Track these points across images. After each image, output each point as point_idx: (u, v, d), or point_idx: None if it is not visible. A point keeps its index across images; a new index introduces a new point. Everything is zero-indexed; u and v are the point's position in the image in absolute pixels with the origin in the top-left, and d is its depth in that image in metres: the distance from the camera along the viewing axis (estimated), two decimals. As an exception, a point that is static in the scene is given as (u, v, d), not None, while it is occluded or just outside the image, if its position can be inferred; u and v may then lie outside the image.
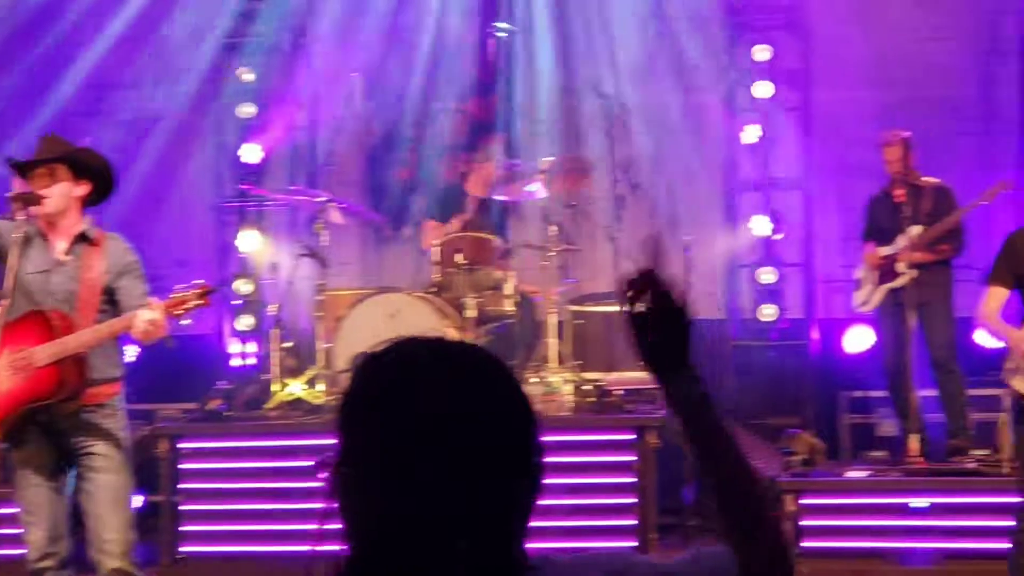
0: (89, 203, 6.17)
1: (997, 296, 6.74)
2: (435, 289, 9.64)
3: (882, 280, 9.37)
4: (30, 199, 5.94)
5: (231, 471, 8.92)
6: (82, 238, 6.07)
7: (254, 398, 9.88)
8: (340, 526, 2.09)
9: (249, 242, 11.21)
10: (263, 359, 10.62)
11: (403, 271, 11.11)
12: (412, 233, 11.29)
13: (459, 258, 9.51)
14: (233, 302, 11.28)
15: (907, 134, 9.28)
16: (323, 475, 2.08)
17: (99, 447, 5.99)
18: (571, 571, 2.16)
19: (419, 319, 9.12)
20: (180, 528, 8.77)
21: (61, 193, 6.00)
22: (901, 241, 9.14)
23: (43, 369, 5.85)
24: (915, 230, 9.12)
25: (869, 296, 9.49)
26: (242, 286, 11.23)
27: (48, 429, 6.00)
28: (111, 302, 6.04)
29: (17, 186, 6.03)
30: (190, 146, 11.77)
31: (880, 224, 9.44)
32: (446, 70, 11.44)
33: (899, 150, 9.20)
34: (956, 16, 11.24)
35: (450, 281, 9.60)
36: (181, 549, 8.75)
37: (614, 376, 9.51)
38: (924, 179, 9.29)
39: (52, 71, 11.70)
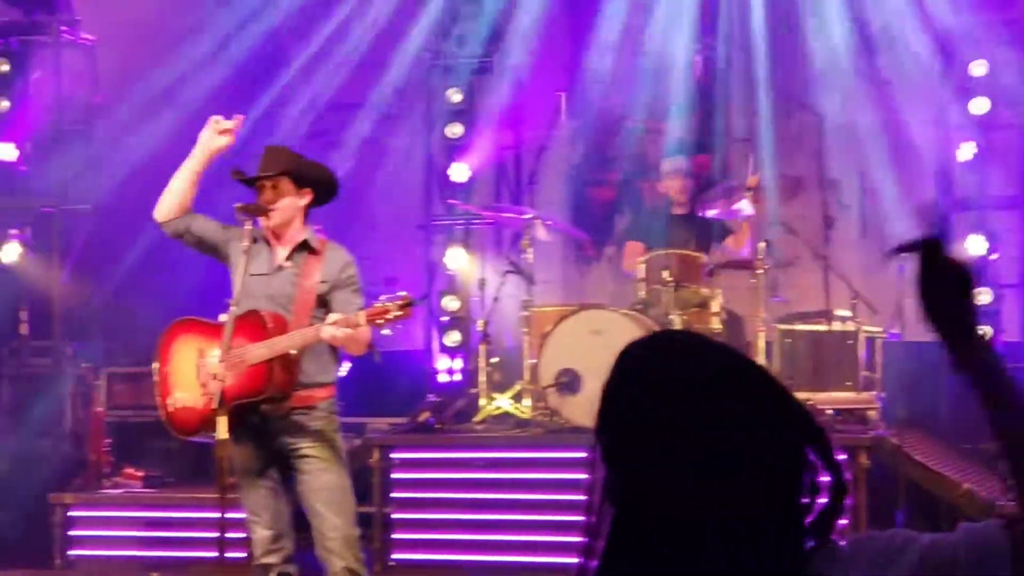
0: (310, 207, 6.38)
1: None
2: (641, 306, 9.61)
3: None
4: (256, 210, 6.14)
5: (440, 481, 9.12)
6: (304, 246, 6.28)
7: (462, 411, 10.04)
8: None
9: (456, 259, 11.30)
10: (469, 374, 10.73)
11: (604, 289, 11.12)
12: (613, 252, 11.32)
13: (665, 275, 9.46)
14: (441, 318, 11.39)
15: None
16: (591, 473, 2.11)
17: (311, 448, 6.17)
18: (854, 548, 2.13)
19: (624, 336, 8.98)
20: (391, 536, 8.98)
21: (285, 206, 6.23)
22: None
23: (253, 367, 6.04)
24: None
25: None
26: (449, 303, 11.30)
27: (261, 430, 6.18)
28: (326, 310, 6.20)
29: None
30: (400, 166, 11.97)
31: None
32: (651, 88, 11.43)
33: None
34: None
35: (656, 298, 9.55)
36: (393, 557, 8.95)
37: (823, 396, 9.31)
38: None
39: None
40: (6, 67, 11.32)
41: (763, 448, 2.03)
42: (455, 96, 11.48)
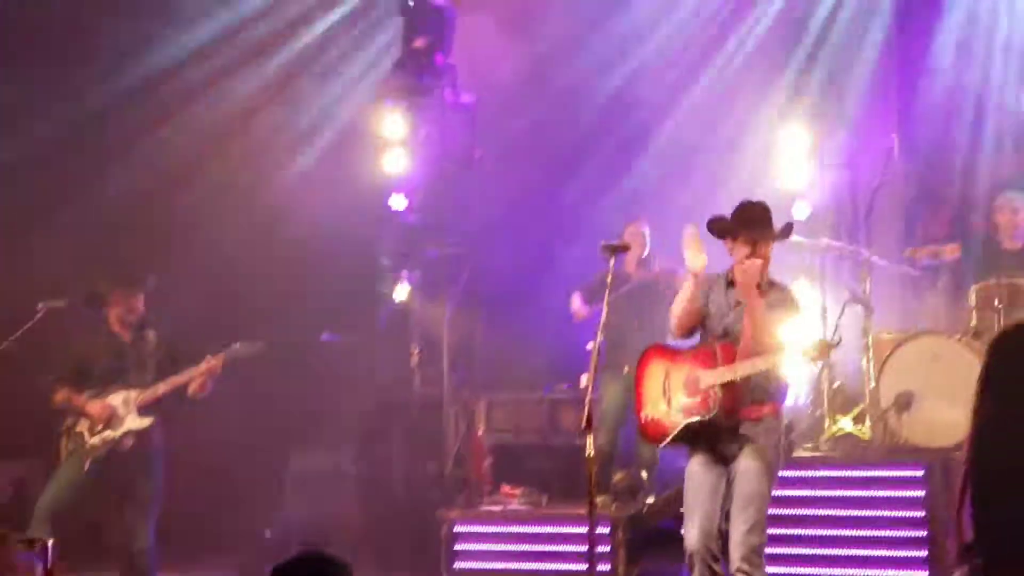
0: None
1: None
2: (972, 333, 10.04)
3: None
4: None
5: (790, 499, 9.39)
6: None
7: (808, 431, 10.73)
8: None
9: (796, 289, 11.82)
10: (813, 396, 11.24)
11: (938, 315, 11.31)
12: (945, 282, 11.49)
13: (996, 303, 9.90)
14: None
15: None
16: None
17: (748, 458, 7.08)
18: None
19: (959, 362, 9.62)
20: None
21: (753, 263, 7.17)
22: None
23: (703, 391, 7.13)
24: None
25: None
26: (793, 331, 11.88)
27: (712, 436, 7.17)
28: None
29: None
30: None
31: None
32: (978, 127, 11.95)
33: None
34: None
35: (987, 326, 9.92)
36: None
37: None
38: None
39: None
40: (400, 127, 12.70)
41: None
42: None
